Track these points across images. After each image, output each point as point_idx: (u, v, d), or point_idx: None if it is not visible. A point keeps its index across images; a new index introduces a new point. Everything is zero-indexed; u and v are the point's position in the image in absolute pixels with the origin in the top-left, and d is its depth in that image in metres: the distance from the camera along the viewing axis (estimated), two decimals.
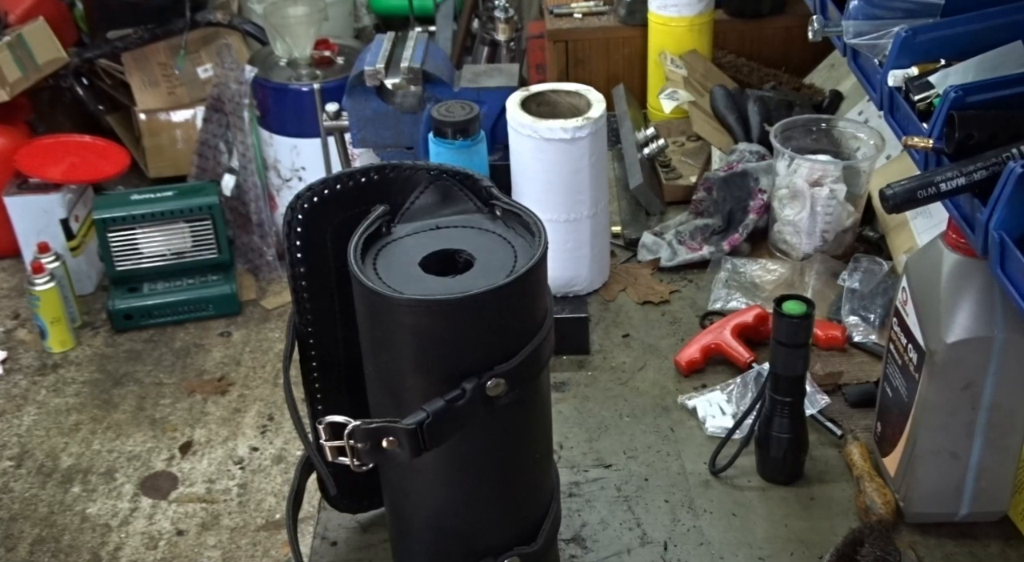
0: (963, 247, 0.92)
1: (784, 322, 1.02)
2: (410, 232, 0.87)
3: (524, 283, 0.80)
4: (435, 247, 0.85)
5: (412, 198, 0.90)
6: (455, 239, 0.86)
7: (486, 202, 0.89)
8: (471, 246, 0.85)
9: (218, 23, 3.38)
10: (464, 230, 0.87)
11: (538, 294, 0.84)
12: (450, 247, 0.85)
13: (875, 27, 0.88)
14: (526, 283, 0.81)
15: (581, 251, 1.34)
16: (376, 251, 0.85)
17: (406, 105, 1.49)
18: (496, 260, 0.84)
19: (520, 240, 0.85)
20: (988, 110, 0.77)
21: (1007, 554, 1.01)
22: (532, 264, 0.80)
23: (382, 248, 0.85)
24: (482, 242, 0.86)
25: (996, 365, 0.94)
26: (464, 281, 0.82)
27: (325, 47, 3.19)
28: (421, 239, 0.87)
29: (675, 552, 1.03)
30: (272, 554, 2.29)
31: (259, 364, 2.84)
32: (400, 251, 0.85)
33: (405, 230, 0.88)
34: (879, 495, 1.03)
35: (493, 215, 0.88)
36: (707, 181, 1.48)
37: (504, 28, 2.96)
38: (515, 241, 0.85)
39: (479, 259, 0.84)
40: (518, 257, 0.84)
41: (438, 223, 0.88)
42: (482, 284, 0.79)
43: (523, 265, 0.81)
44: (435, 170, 0.89)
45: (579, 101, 1.30)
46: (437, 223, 0.88)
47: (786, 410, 1.06)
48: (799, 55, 1.83)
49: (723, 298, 1.36)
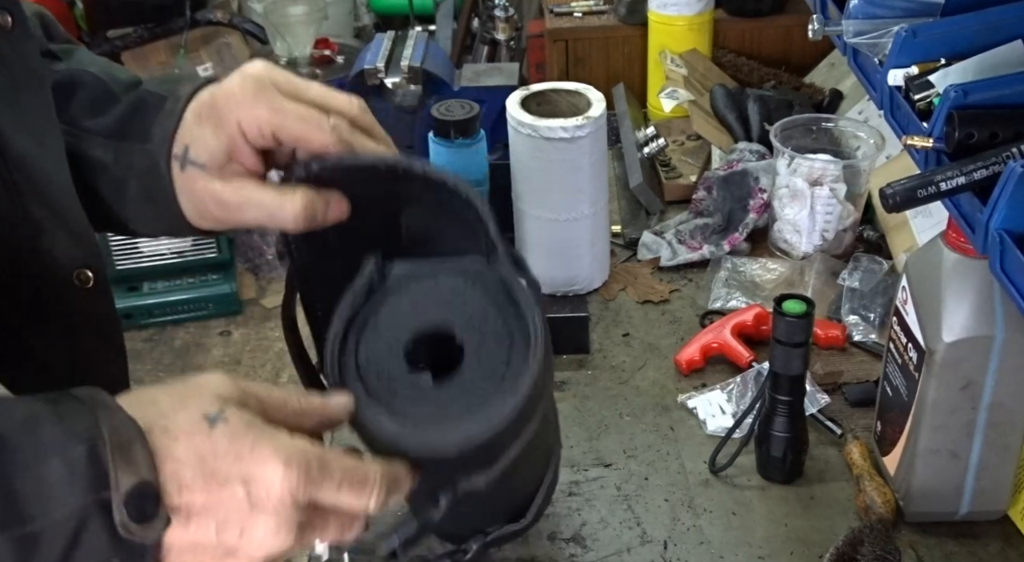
0: (963, 246, 0.92)
1: (784, 321, 1.02)
2: (404, 284, 0.82)
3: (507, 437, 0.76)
4: (427, 322, 0.80)
5: (416, 219, 0.85)
6: (450, 307, 0.81)
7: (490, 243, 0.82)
8: (466, 321, 0.80)
9: (218, 22, 3.38)
10: (462, 293, 0.82)
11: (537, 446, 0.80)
12: (443, 324, 0.80)
13: (875, 26, 0.88)
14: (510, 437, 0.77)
15: (581, 250, 1.33)
16: (364, 321, 0.81)
17: (406, 104, 1.49)
18: (489, 353, 0.79)
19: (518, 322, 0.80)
20: (988, 109, 0.77)
21: (1007, 553, 1.01)
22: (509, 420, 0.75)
23: (370, 316, 0.81)
24: (478, 315, 0.80)
25: (996, 364, 0.93)
26: (452, 390, 0.77)
27: (325, 46, 3.19)
28: (414, 300, 0.82)
29: (675, 551, 1.03)
30: None
31: (259, 363, 2.84)
32: (389, 324, 0.81)
33: (399, 279, 0.82)
34: (879, 494, 1.03)
35: (494, 261, 0.82)
36: (707, 180, 1.48)
37: (504, 27, 2.96)
38: (511, 322, 0.80)
39: (467, 350, 0.79)
40: (513, 349, 0.79)
41: (437, 275, 0.83)
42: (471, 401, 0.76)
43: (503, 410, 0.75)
44: (446, 193, 0.82)
45: (579, 100, 1.30)
46: (436, 275, 0.83)
47: (786, 409, 1.06)
48: (799, 54, 1.83)
49: (723, 297, 1.36)
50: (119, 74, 0.86)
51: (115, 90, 0.84)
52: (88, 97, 0.84)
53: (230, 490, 0.64)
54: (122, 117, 0.82)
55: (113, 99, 0.83)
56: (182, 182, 0.79)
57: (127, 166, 0.81)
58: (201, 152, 0.78)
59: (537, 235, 1.33)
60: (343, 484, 0.68)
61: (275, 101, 0.77)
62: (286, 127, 0.77)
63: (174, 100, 0.80)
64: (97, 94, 0.84)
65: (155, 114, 0.80)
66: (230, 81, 0.78)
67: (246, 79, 0.78)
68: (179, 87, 0.81)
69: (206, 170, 0.78)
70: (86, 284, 0.81)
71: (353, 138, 0.78)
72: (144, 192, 0.81)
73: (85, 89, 0.84)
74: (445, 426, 0.75)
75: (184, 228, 0.82)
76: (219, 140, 0.77)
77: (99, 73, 0.85)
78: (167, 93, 0.81)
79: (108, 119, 0.82)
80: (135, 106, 0.82)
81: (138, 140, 0.80)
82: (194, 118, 0.79)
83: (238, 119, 0.76)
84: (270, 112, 0.76)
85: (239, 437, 0.64)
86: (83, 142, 0.82)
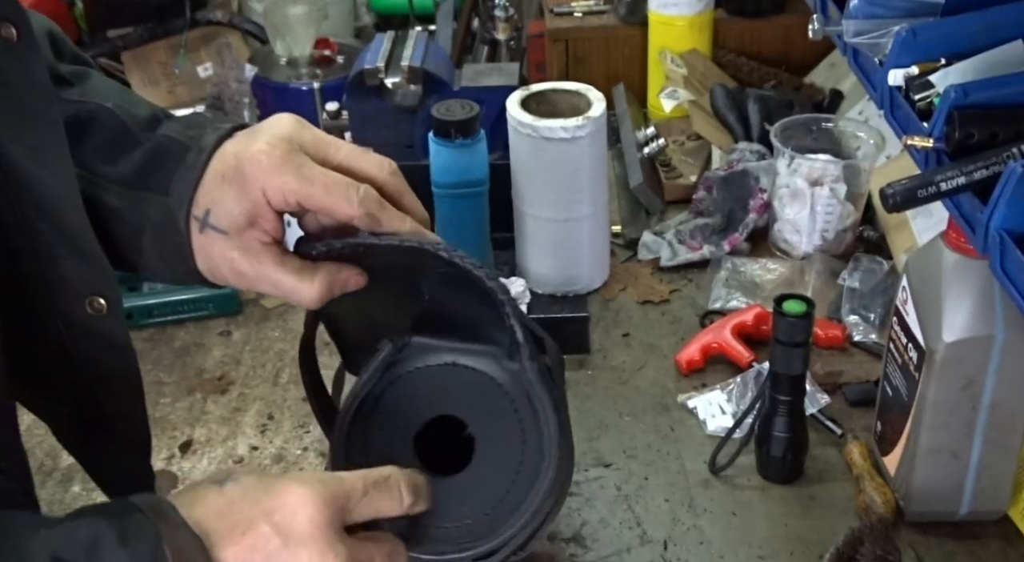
0: (963, 246, 0.92)
1: (784, 321, 1.02)
2: (420, 367, 0.80)
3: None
4: (439, 412, 0.79)
5: (437, 290, 0.82)
6: (465, 401, 0.80)
7: (514, 340, 0.80)
8: (479, 418, 0.79)
9: (218, 22, 3.37)
10: (479, 386, 0.80)
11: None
12: (456, 416, 0.79)
13: (875, 26, 0.88)
14: None
15: (581, 250, 1.33)
16: (375, 401, 0.80)
17: (406, 104, 1.49)
18: (500, 455, 0.78)
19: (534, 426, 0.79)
20: (988, 109, 0.77)
21: (1007, 553, 1.01)
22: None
23: (382, 398, 0.80)
24: (493, 412, 0.79)
25: (996, 364, 0.93)
26: (459, 489, 0.77)
27: (325, 46, 3.18)
28: (429, 387, 0.80)
29: (675, 551, 1.03)
30: None
31: (259, 363, 2.83)
32: (401, 409, 0.80)
33: (415, 358, 0.80)
34: (879, 494, 1.03)
35: (516, 357, 0.80)
36: (707, 180, 1.48)
37: (504, 27, 2.95)
38: (524, 416, 0.79)
39: (478, 449, 0.78)
40: (525, 455, 0.78)
41: (455, 361, 0.81)
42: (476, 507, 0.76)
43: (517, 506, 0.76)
44: (469, 280, 0.79)
45: (579, 100, 1.30)
46: (455, 362, 0.81)
47: (786, 409, 1.06)
48: (799, 54, 1.83)
49: (723, 297, 1.35)
50: (137, 109, 0.82)
51: (133, 130, 0.80)
52: (105, 138, 0.79)
53: (256, 530, 0.63)
54: (141, 165, 0.78)
55: (131, 141, 0.79)
56: (200, 243, 0.77)
57: (143, 215, 0.78)
58: (222, 218, 0.75)
59: (537, 235, 1.33)
60: (368, 490, 0.67)
61: (302, 168, 0.74)
62: (313, 196, 0.74)
63: (197, 152, 0.77)
64: (114, 136, 0.80)
65: (176, 165, 0.77)
66: (257, 142, 0.75)
67: (274, 141, 0.75)
68: (202, 135, 0.78)
69: (226, 236, 0.75)
70: (100, 312, 0.77)
71: (381, 213, 0.76)
72: (159, 243, 0.78)
73: (102, 129, 0.80)
74: (444, 544, 0.75)
75: (198, 280, 0.80)
76: (241, 206, 0.75)
77: (116, 109, 0.80)
78: (189, 142, 0.78)
79: (125, 166, 0.79)
80: (155, 154, 0.78)
81: (156, 191, 0.77)
82: (217, 178, 0.76)
83: (263, 186, 0.74)
84: (297, 181, 0.74)
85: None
86: (97, 187, 0.78)
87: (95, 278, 0.77)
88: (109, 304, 0.77)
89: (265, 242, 0.76)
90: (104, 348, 0.79)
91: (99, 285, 0.77)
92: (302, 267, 0.77)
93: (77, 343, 0.78)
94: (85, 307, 0.77)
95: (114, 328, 0.79)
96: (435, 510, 0.76)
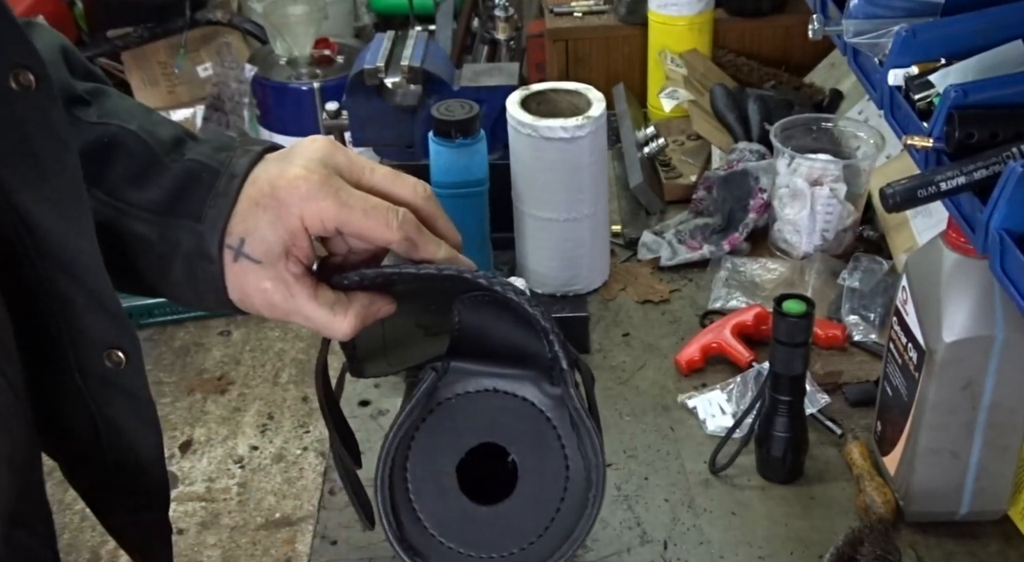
0: (963, 246, 0.92)
1: (784, 321, 1.02)
2: (460, 392, 0.79)
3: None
4: (481, 438, 0.79)
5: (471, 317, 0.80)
6: (507, 428, 0.79)
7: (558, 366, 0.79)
8: (521, 444, 0.79)
9: (218, 22, 3.38)
10: (521, 413, 0.79)
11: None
12: (498, 443, 0.79)
13: (875, 26, 0.88)
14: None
15: (581, 250, 1.33)
16: (415, 428, 0.79)
17: (406, 104, 1.49)
18: (544, 483, 0.78)
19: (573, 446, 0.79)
20: (988, 109, 0.77)
21: (1007, 553, 1.01)
22: None
23: (422, 426, 0.79)
24: (536, 439, 0.79)
25: (996, 364, 0.94)
26: (503, 518, 0.78)
27: (325, 46, 3.19)
28: (471, 413, 0.79)
29: (675, 551, 1.03)
30: (272, 553, 2.29)
31: (259, 363, 2.84)
32: (442, 437, 0.79)
33: (455, 384, 0.79)
34: (879, 494, 1.03)
35: (559, 381, 0.79)
36: (707, 180, 1.48)
37: (504, 27, 2.95)
38: (568, 442, 0.79)
39: (521, 477, 0.78)
40: (569, 486, 0.78)
41: (495, 386, 0.79)
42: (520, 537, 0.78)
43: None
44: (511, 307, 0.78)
45: (579, 100, 1.30)
46: (495, 386, 0.79)
47: (786, 409, 1.06)
48: (799, 54, 1.83)
49: (723, 297, 1.36)
50: (160, 130, 0.79)
51: (159, 154, 0.77)
52: (131, 164, 0.77)
53: None
54: (170, 191, 0.76)
55: (158, 167, 0.76)
56: (233, 272, 0.75)
57: (173, 244, 0.75)
58: (257, 247, 0.74)
59: (537, 235, 1.33)
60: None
61: (341, 193, 0.73)
62: (352, 222, 0.73)
63: (228, 177, 0.75)
64: (141, 160, 0.77)
65: (206, 192, 0.75)
66: (292, 167, 0.74)
67: (311, 165, 0.73)
68: (232, 159, 0.76)
69: (260, 266, 0.74)
70: (118, 365, 0.74)
71: (418, 237, 0.75)
72: (189, 272, 0.76)
73: (128, 154, 0.77)
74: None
75: (228, 309, 0.78)
76: (277, 234, 0.73)
77: (140, 132, 0.77)
78: (219, 166, 0.76)
79: (154, 192, 0.76)
80: (184, 179, 0.76)
81: (187, 218, 0.75)
82: (250, 204, 0.74)
83: (302, 213, 0.73)
84: (336, 206, 0.73)
85: None
86: (125, 216, 0.76)
87: (113, 331, 0.74)
88: (128, 357, 0.75)
89: (297, 274, 0.75)
90: (125, 402, 0.77)
91: (117, 338, 0.74)
92: (336, 301, 0.76)
93: (97, 397, 0.75)
94: (103, 359, 0.74)
95: (134, 382, 0.76)
96: (478, 539, 0.77)
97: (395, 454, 0.78)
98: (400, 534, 0.79)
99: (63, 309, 0.72)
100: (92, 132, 0.77)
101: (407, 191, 0.77)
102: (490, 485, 0.79)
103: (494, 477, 0.79)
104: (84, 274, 0.71)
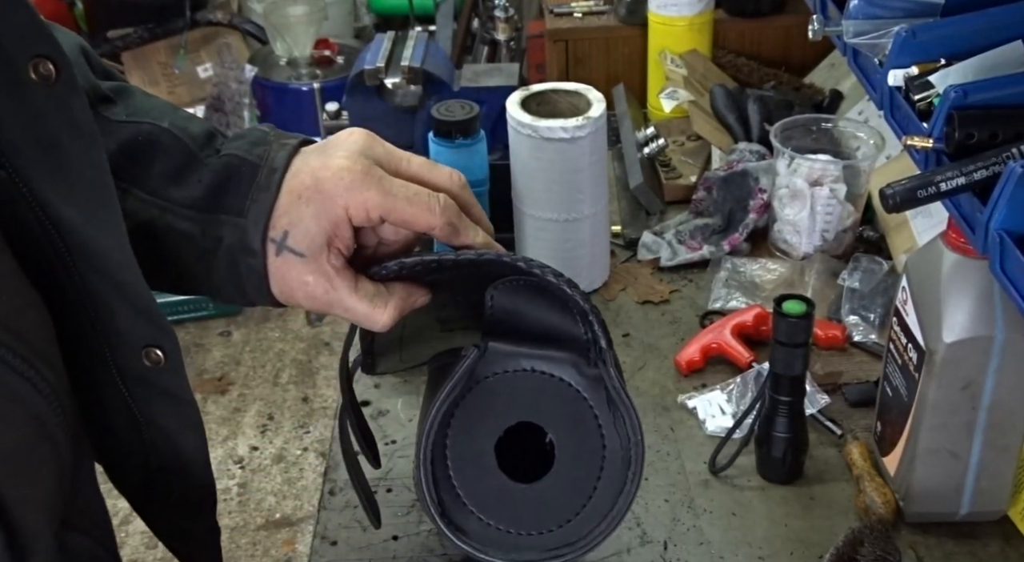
0: (963, 247, 0.92)
1: (784, 322, 1.02)
2: (499, 372, 0.80)
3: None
4: (520, 418, 0.80)
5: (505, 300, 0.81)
6: (545, 408, 0.80)
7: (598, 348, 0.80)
8: (560, 424, 0.80)
9: (218, 22, 3.38)
10: (558, 393, 0.80)
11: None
12: (536, 423, 0.80)
13: (875, 26, 0.88)
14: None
15: (581, 250, 1.34)
16: (454, 406, 0.80)
17: (406, 104, 1.49)
18: (581, 463, 0.80)
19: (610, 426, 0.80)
20: (988, 109, 0.77)
21: (1007, 554, 1.01)
22: None
23: (462, 405, 0.80)
24: (573, 419, 0.80)
25: (996, 365, 0.94)
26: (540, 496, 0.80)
27: (325, 46, 3.20)
28: (509, 394, 0.80)
29: (675, 551, 1.03)
30: (272, 553, 2.29)
31: (259, 364, 2.84)
32: (483, 408, 0.80)
33: (494, 364, 0.80)
34: (879, 494, 1.03)
35: (597, 361, 0.80)
36: (707, 181, 1.48)
37: (504, 27, 2.95)
38: (605, 422, 0.80)
39: (559, 457, 0.80)
40: (606, 465, 0.80)
41: (534, 366, 0.80)
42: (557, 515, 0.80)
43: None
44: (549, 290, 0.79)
45: (579, 100, 1.30)
46: (533, 366, 0.80)
47: (786, 410, 1.06)
48: (799, 54, 1.83)
49: (723, 298, 1.36)
50: (191, 126, 0.79)
51: (194, 150, 0.77)
52: (168, 163, 0.77)
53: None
54: (210, 187, 0.76)
55: (195, 163, 0.77)
56: (275, 265, 0.75)
57: (216, 239, 0.76)
58: (301, 240, 0.74)
59: (537, 235, 1.33)
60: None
61: (384, 182, 0.74)
62: (396, 210, 0.74)
63: (268, 171, 0.75)
64: (178, 158, 0.77)
65: (247, 186, 0.75)
66: (334, 158, 0.74)
67: (352, 156, 0.74)
68: (270, 153, 0.76)
69: (303, 259, 0.74)
70: (157, 364, 0.73)
71: (459, 222, 0.76)
72: (232, 267, 0.76)
73: (164, 153, 0.77)
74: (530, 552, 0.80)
75: (269, 302, 0.78)
76: (320, 226, 0.74)
77: (173, 129, 0.78)
78: (258, 160, 0.76)
79: (195, 189, 0.76)
80: (223, 175, 0.76)
81: (230, 213, 0.75)
82: (293, 198, 0.74)
83: (346, 204, 0.73)
84: (381, 196, 0.73)
85: None
86: (168, 214, 0.76)
87: (150, 329, 0.73)
88: (167, 356, 0.74)
89: (338, 267, 0.75)
90: (165, 403, 0.76)
91: (154, 336, 0.73)
92: (376, 293, 0.77)
93: (137, 398, 0.75)
94: (142, 358, 0.73)
95: (173, 381, 0.75)
96: (517, 517, 0.78)
97: (437, 431, 0.79)
98: (442, 510, 0.80)
99: (97, 308, 0.71)
100: (124, 131, 0.77)
101: (443, 179, 0.78)
102: (527, 464, 0.81)
103: (531, 456, 0.81)
104: (116, 271, 0.70)
